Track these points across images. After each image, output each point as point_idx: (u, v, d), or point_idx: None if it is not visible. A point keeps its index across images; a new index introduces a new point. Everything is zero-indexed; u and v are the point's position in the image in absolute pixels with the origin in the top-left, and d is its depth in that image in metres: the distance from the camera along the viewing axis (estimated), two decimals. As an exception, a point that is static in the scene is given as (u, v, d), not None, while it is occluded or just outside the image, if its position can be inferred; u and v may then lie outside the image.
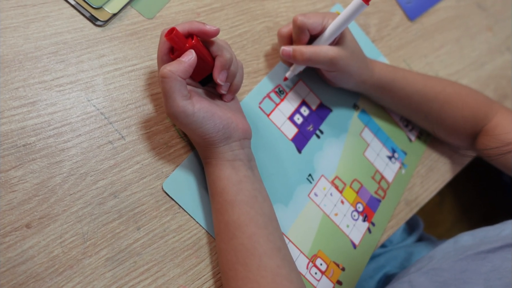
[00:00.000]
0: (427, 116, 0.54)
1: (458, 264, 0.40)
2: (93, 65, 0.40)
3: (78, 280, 0.35)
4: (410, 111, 0.54)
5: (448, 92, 0.52)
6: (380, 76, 0.50)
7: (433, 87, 0.52)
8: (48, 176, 0.35)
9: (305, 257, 0.45)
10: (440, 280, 0.40)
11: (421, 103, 0.52)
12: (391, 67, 0.51)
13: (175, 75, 0.34)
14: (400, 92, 0.51)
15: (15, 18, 0.38)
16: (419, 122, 0.56)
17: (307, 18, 0.43)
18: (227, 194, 0.37)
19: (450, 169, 0.61)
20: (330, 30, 0.43)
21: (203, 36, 0.36)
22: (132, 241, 0.37)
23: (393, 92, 0.51)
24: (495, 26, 0.73)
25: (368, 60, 0.49)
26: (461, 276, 0.38)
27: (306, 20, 0.43)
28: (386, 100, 0.54)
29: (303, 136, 0.49)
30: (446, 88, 0.52)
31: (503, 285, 0.35)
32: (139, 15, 0.44)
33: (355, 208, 0.50)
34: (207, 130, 0.36)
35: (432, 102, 0.52)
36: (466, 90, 0.54)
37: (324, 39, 0.44)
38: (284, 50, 0.45)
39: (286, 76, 0.48)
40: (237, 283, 0.35)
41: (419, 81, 0.51)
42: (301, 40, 0.44)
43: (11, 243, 0.33)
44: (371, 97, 0.55)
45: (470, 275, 0.38)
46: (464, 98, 0.53)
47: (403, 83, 0.50)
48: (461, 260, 0.40)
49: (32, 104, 0.37)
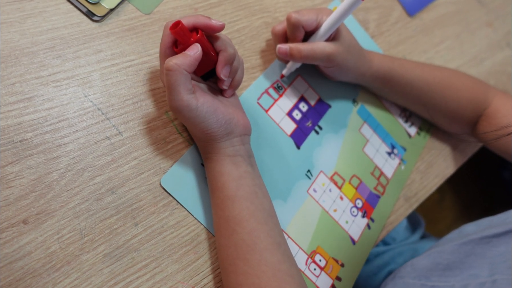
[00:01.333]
0: (427, 104, 0.54)
1: (462, 248, 0.40)
2: (90, 60, 0.40)
3: (76, 276, 0.34)
4: (410, 100, 0.54)
5: (447, 77, 0.52)
6: (379, 67, 0.49)
7: (431, 73, 0.52)
8: (45, 172, 0.35)
9: (304, 253, 0.45)
10: (444, 262, 0.39)
11: (420, 90, 0.52)
12: (388, 57, 0.51)
13: (180, 69, 0.33)
14: (399, 81, 0.51)
15: (11, 13, 0.38)
16: (419, 111, 0.56)
17: (301, 15, 0.42)
18: (227, 190, 0.37)
19: (450, 165, 0.60)
20: (326, 26, 0.43)
21: (208, 30, 0.36)
22: (130, 237, 0.37)
23: (392, 82, 0.51)
24: (495, 22, 0.73)
25: (365, 52, 0.49)
26: (466, 259, 0.38)
27: (300, 17, 0.42)
28: (385, 91, 0.54)
29: (302, 132, 0.49)
30: (444, 74, 0.53)
31: (508, 267, 0.34)
32: (136, 10, 0.43)
33: (354, 204, 0.50)
34: (209, 125, 0.36)
35: (432, 88, 0.52)
36: (463, 75, 0.55)
37: (320, 35, 0.44)
38: (281, 48, 0.44)
39: (283, 73, 0.48)
40: (237, 278, 0.35)
41: (417, 69, 0.51)
42: (296, 37, 0.44)
43: (8, 239, 0.33)
44: (370, 88, 0.55)
45: (475, 259, 0.38)
46: (463, 82, 0.53)
47: (401, 71, 0.50)
48: (465, 244, 0.40)
49: (29, 100, 0.36)
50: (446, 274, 0.38)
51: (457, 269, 0.38)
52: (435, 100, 0.53)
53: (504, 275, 0.34)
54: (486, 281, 0.34)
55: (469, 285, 0.35)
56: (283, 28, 0.45)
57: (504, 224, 0.40)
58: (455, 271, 0.38)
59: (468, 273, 0.37)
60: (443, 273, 0.38)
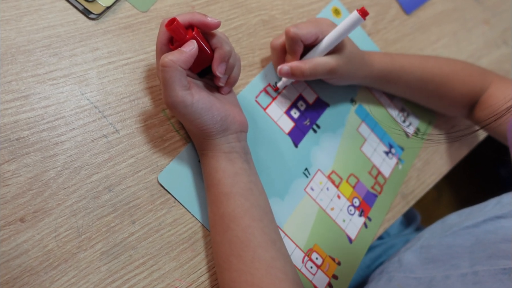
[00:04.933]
0: (428, 97, 0.56)
1: (444, 240, 0.41)
2: (86, 58, 0.40)
3: (73, 274, 0.34)
4: (411, 95, 0.56)
5: (445, 73, 0.53)
6: (379, 70, 0.50)
7: (430, 69, 0.53)
8: (42, 170, 0.35)
9: (300, 251, 0.45)
10: (429, 256, 0.41)
11: (420, 88, 0.53)
12: (388, 56, 0.51)
13: (176, 65, 0.33)
14: (400, 81, 0.52)
15: (7, 11, 0.38)
16: (421, 102, 0.58)
17: (300, 29, 0.42)
18: (223, 186, 0.37)
19: (447, 163, 0.61)
20: (326, 43, 0.43)
21: (204, 28, 0.36)
22: (127, 235, 0.37)
23: (393, 82, 0.52)
24: (492, 19, 0.73)
25: (366, 55, 0.49)
26: (448, 251, 0.39)
27: (299, 31, 0.42)
28: (386, 89, 0.55)
29: (299, 131, 0.49)
30: (442, 68, 0.54)
31: (487, 256, 0.35)
32: (132, 8, 0.43)
33: (351, 203, 0.50)
34: (205, 121, 0.36)
35: (430, 87, 0.53)
36: (462, 67, 0.56)
37: (320, 51, 0.44)
38: (282, 69, 0.44)
39: (278, 86, 0.48)
40: (231, 275, 0.35)
41: (416, 67, 0.52)
42: (295, 51, 0.44)
43: (5, 237, 0.33)
44: (372, 87, 0.55)
45: (456, 250, 0.39)
46: (460, 77, 0.54)
47: (401, 73, 0.51)
48: (447, 236, 0.41)
49: (25, 98, 0.36)
50: (430, 266, 0.39)
51: (439, 261, 0.39)
52: (433, 95, 0.55)
53: (484, 266, 0.34)
54: (467, 272, 0.35)
55: (451, 276, 0.36)
56: (282, 42, 0.45)
57: (482, 214, 0.41)
58: (437, 263, 0.39)
59: (450, 264, 0.37)
60: (427, 266, 0.39)
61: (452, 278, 0.36)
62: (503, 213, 0.39)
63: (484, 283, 0.33)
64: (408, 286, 0.39)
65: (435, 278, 0.37)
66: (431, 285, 0.36)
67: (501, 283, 0.32)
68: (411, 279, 0.39)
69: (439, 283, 0.36)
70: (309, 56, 0.45)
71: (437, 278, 0.37)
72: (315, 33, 0.43)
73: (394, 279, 0.41)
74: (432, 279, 0.37)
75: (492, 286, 0.32)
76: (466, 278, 0.34)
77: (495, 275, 0.33)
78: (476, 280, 0.34)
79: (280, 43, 0.45)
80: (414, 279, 0.39)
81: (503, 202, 0.42)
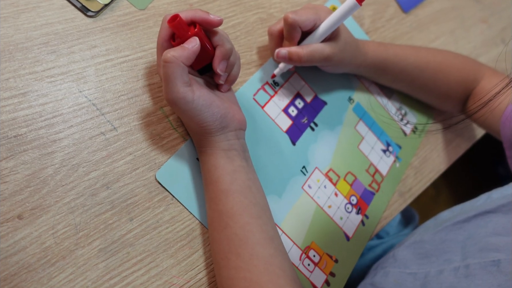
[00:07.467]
0: (422, 87, 0.55)
1: (437, 236, 0.42)
2: (84, 56, 0.40)
3: (71, 271, 0.35)
4: (405, 85, 0.56)
5: (439, 60, 0.54)
6: (373, 59, 0.50)
7: (424, 57, 0.53)
8: (40, 167, 0.35)
9: (298, 248, 0.45)
10: (422, 251, 0.41)
11: (413, 77, 0.54)
12: (383, 46, 0.51)
13: (178, 61, 0.33)
14: (393, 70, 0.52)
15: (5, 8, 0.38)
16: (418, 94, 0.58)
17: (299, 15, 0.42)
18: (221, 183, 0.37)
19: (444, 161, 0.61)
20: (323, 28, 0.43)
21: (206, 25, 0.36)
22: (125, 232, 0.37)
23: (386, 71, 0.52)
24: (490, 18, 0.73)
25: (360, 44, 0.49)
26: (441, 246, 0.40)
27: (298, 18, 0.42)
28: (381, 78, 0.55)
29: (297, 128, 0.49)
30: (436, 57, 0.54)
31: (478, 250, 0.36)
32: (130, 6, 0.43)
33: (348, 201, 0.50)
34: (205, 118, 0.36)
35: (424, 74, 0.54)
36: (455, 56, 0.56)
37: (317, 37, 0.44)
38: (280, 52, 0.44)
39: (274, 73, 0.48)
40: (229, 272, 0.35)
41: (410, 55, 0.52)
42: (293, 38, 0.44)
43: (2, 234, 0.33)
44: (367, 77, 0.55)
45: (449, 244, 0.39)
46: (454, 64, 0.55)
47: (395, 61, 0.51)
48: (440, 232, 0.42)
49: (23, 95, 0.36)
50: (424, 261, 0.40)
51: (433, 256, 0.40)
52: (427, 85, 0.55)
53: (475, 259, 0.35)
54: (460, 265, 0.36)
55: (444, 270, 0.36)
56: (280, 28, 0.45)
57: (473, 209, 0.42)
58: (431, 258, 0.39)
59: (443, 259, 0.38)
60: (421, 262, 0.40)
61: (445, 272, 0.36)
62: (492, 207, 0.39)
63: (475, 276, 0.34)
64: (405, 281, 0.39)
65: (429, 273, 0.38)
66: (426, 280, 0.37)
67: (490, 274, 0.33)
68: (407, 275, 0.40)
69: (433, 278, 0.37)
70: (306, 42, 0.45)
71: (432, 273, 0.37)
72: (313, 20, 0.43)
73: (390, 274, 0.41)
74: (427, 275, 0.38)
75: (483, 278, 0.33)
76: (459, 272, 0.35)
77: (485, 267, 0.33)
78: (468, 273, 0.34)
79: (278, 29, 0.45)
80: (409, 275, 0.39)
81: (493, 197, 0.43)
